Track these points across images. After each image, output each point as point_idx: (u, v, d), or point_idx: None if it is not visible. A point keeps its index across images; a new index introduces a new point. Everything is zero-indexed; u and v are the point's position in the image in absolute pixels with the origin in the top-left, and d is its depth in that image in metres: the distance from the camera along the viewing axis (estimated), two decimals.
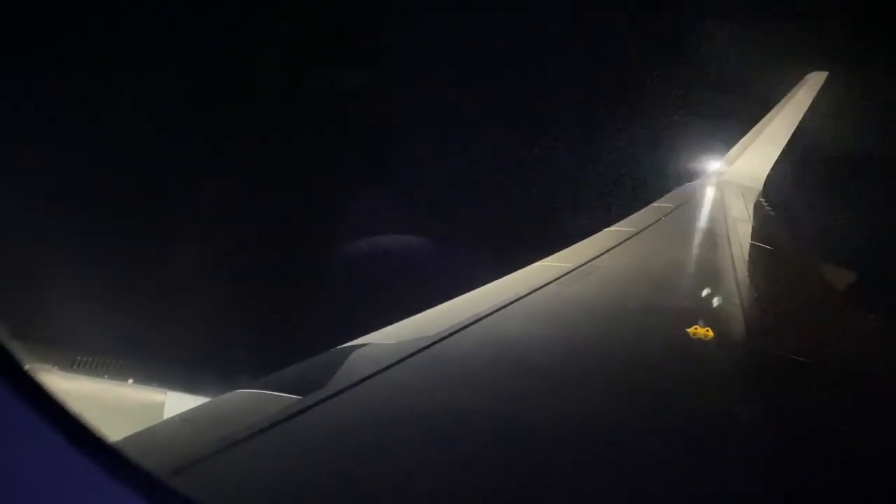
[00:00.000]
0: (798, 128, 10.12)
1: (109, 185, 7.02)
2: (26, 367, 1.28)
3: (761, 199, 9.03)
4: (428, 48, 9.11)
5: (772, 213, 8.46)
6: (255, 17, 8.50)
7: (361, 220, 7.74)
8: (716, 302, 4.50)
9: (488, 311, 3.51)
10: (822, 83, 10.45)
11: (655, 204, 7.35)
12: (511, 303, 3.72)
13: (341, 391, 2.47)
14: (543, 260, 4.77)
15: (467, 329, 3.26)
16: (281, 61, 8.36)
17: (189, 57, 7.71)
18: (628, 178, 9.45)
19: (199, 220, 7.24)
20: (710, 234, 6.58)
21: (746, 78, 10.18)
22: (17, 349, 1.26)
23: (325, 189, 8.16)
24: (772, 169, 9.83)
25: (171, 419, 2.46)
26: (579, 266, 4.63)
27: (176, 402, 4.31)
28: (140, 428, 2.22)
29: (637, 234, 5.92)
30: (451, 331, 3.17)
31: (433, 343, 3.02)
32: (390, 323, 3.28)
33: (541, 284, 4.11)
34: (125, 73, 7.32)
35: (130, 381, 4.57)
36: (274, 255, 7.55)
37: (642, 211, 6.95)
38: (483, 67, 9.52)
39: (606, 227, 6.07)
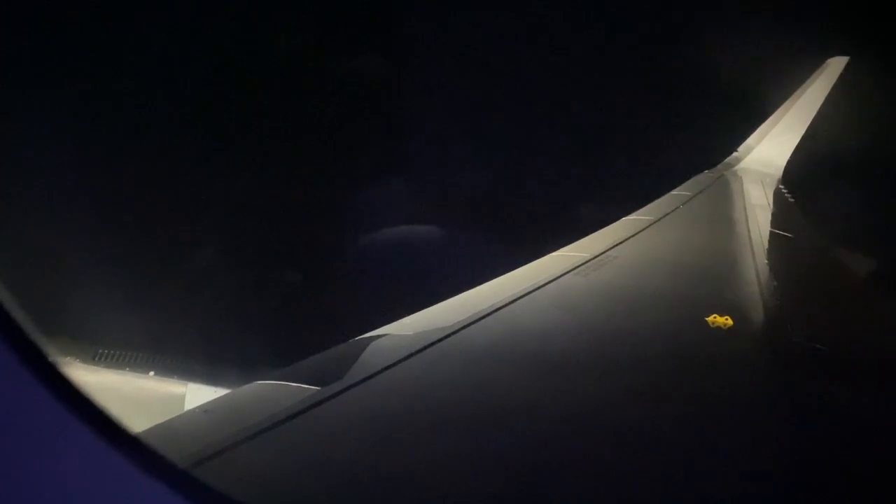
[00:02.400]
0: (818, 114, 10.00)
1: (130, 180, 7.07)
2: (52, 359, 1.30)
3: (781, 185, 8.94)
4: (444, 39, 9.08)
5: (791, 199, 8.38)
6: (269, 3, 8.53)
7: (377, 212, 7.74)
8: (735, 290, 4.47)
9: (506, 302, 3.51)
10: (843, 69, 10.31)
11: (674, 192, 7.30)
12: (528, 293, 3.72)
13: (359, 382, 2.49)
14: (561, 249, 4.76)
15: (484, 320, 3.26)
16: (295, 50, 8.38)
17: (204, 47, 7.73)
18: (646, 166, 9.38)
19: (218, 213, 7.29)
20: (729, 222, 6.53)
21: (766, 63, 10.06)
22: (43, 342, 1.28)
23: (341, 180, 8.17)
24: (791, 155, 9.73)
25: (192, 411, 2.49)
26: (597, 255, 4.62)
27: (196, 394, 4.36)
28: (161, 419, 2.25)
29: (655, 222, 5.88)
30: (468, 321, 3.18)
31: (450, 334, 3.03)
32: (407, 314, 3.29)
33: (558, 274, 4.10)
34: (138, 65, 7.36)
35: (151, 373, 4.62)
36: (291, 247, 7.58)
37: (660, 199, 6.90)
38: (498, 59, 9.48)
39: (624, 216, 6.04)
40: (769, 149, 9.82)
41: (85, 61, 7.07)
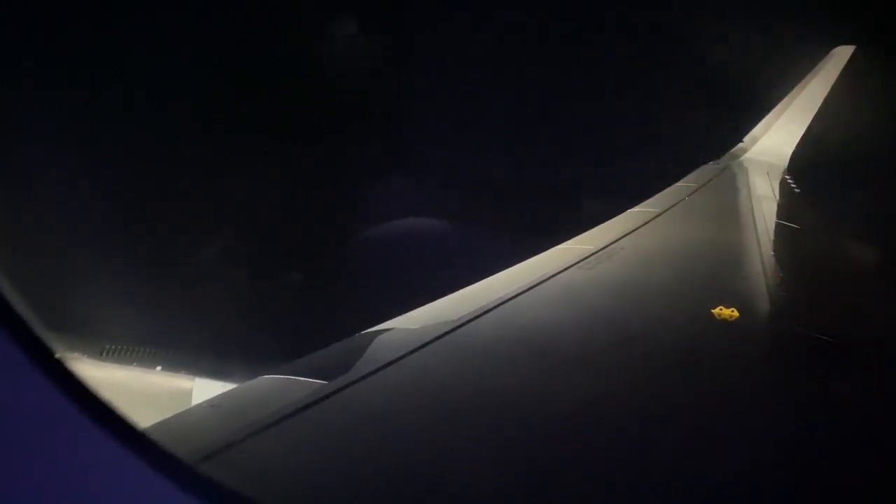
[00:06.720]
0: (823, 104, 9.95)
1: (136, 177, 7.08)
2: (58, 355, 1.31)
3: (786, 176, 8.90)
4: (448, 33, 9.06)
5: (797, 190, 8.34)
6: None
7: (382, 206, 7.74)
8: (741, 282, 4.46)
9: (511, 295, 3.51)
10: (849, 58, 10.25)
11: (679, 184, 7.28)
12: (534, 286, 3.72)
13: (366, 376, 2.50)
14: (566, 242, 4.75)
15: (490, 313, 3.26)
16: (297, 44, 8.37)
17: (206, 45, 7.73)
18: (650, 158, 9.36)
19: (224, 208, 7.30)
20: (735, 213, 6.51)
21: (771, 52, 10.00)
22: (49, 338, 1.29)
23: (346, 174, 8.17)
24: (797, 146, 9.68)
25: (199, 405, 2.50)
26: (602, 248, 4.61)
27: (204, 389, 4.37)
28: (169, 414, 2.26)
29: (660, 214, 5.87)
30: (474, 315, 3.18)
31: (456, 327, 3.03)
32: (413, 308, 3.30)
33: (563, 267, 4.10)
34: (141, 63, 7.36)
35: (159, 368, 4.63)
36: (297, 241, 7.59)
37: (665, 191, 6.89)
38: (501, 51, 9.45)
39: (629, 208, 6.03)
40: (775, 139, 9.77)
41: (86, 59, 7.07)
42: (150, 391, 4.47)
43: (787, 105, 10.18)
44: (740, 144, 9.76)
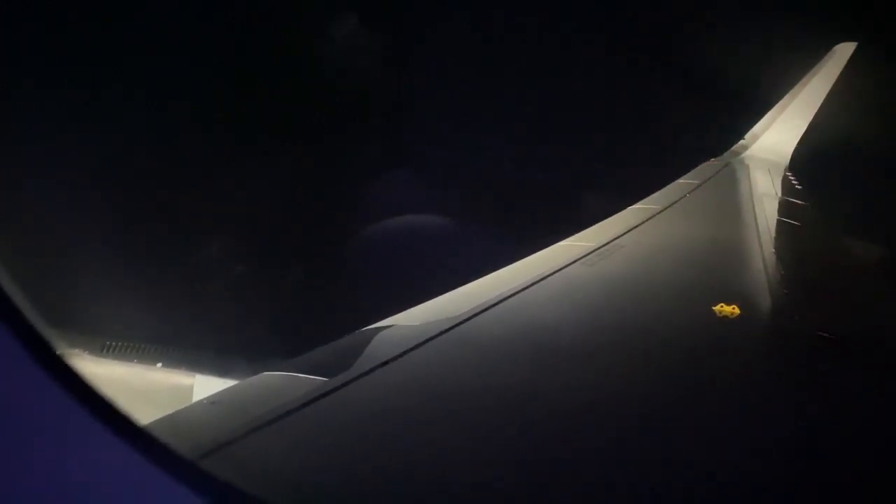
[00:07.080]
0: (825, 101, 9.93)
1: (137, 173, 7.08)
2: (59, 352, 1.31)
3: (788, 173, 8.89)
4: (448, 35, 9.06)
5: (799, 188, 8.33)
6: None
7: (383, 203, 7.74)
8: (742, 279, 4.46)
9: (512, 292, 3.51)
10: (851, 54, 10.23)
11: (680, 180, 7.27)
12: (535, 283, 3.71)
13: (366, 373, 2.50)
14: (567, 239, 4.75)
15: (491, 310, 3.26)
16: (298, 40, 8.37)
17: (207, 45, 7.73)
18: (651, 154, 9.35)
19: (225, 205, 7.30)
20: (736, 210, 6.51)
21: (772, 49, 9.98)
22: (50, 335, 1.29)
23: (346, 171, 8.17)
24: (798, 143, 9.66)
25: (200, 402, 2.49)
26: (603, 245, 4.61)
27: (204, 386, 4.37)
28: (169, 411, 2.26)
29: (661, 211, 5.87)
30: (475, 312, 3.18)
31: (457, 324, 3.03)
32: (414, 304, 3.30)
33: (564, 264, 4.10)
34: (141, 61, 7.36)
35: (159, 365, 4.64)
36: (298, 238, 7.60)
37: (666, 188, 6.88)
38: (502, 48, 9.44)
39: (630, 205, 6.02)
40: (776, 136, 9.75)
41: (86, 59, 7.08)
42: (150, 388, 4.47)
43: (788, 102, 10.15)
44: (741, 141, 9.74)
